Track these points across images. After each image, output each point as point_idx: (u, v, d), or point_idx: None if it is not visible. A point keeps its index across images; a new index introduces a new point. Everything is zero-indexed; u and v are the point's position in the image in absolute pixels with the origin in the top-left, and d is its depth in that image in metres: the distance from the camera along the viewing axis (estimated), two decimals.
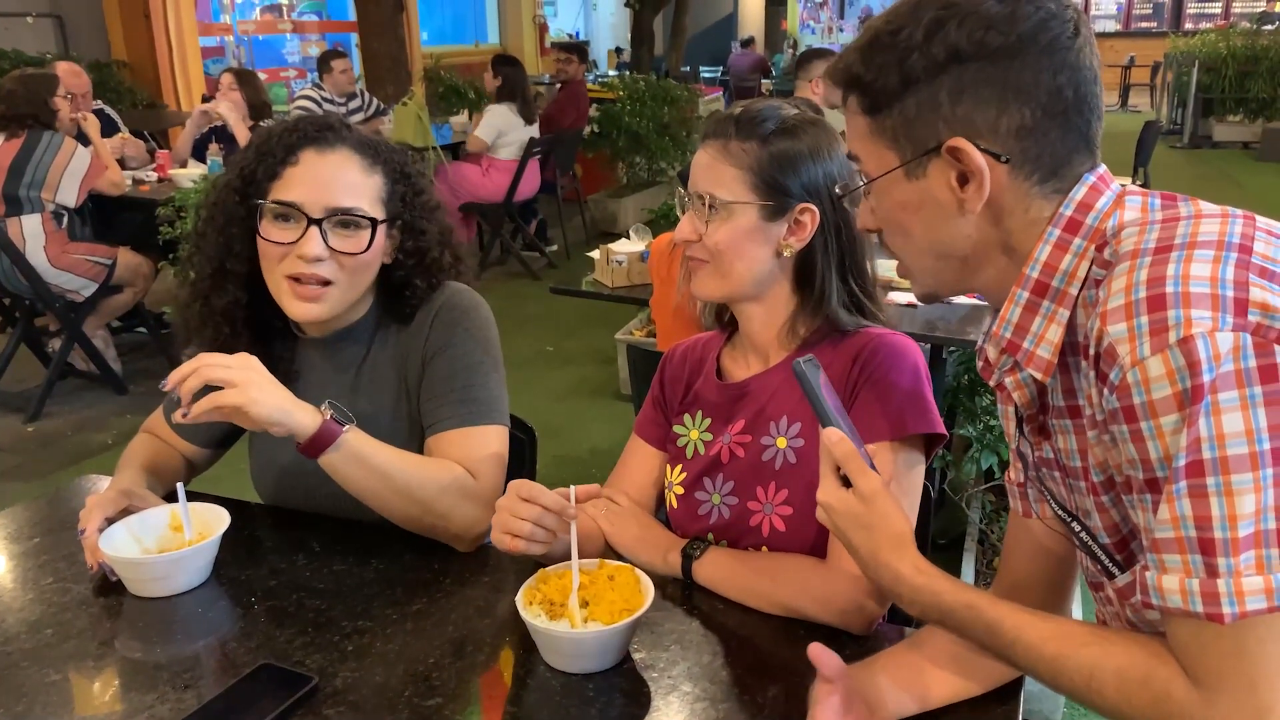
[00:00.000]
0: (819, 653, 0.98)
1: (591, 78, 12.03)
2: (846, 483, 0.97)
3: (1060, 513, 0.97)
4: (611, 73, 13.02)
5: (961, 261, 0.94)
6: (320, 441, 1.28)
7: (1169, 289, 0.76)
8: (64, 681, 1.12)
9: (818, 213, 1.28)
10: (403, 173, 1.46)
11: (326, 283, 1.38)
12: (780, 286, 1.32)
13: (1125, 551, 0.90)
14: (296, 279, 1.37)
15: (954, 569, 2.58)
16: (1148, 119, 8.30)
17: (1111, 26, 21.48)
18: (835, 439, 0.96)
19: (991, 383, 0.97)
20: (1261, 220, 0.85)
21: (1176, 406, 0.74)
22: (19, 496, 2.43)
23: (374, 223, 1.40)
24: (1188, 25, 19.64)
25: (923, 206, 0.92)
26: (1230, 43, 11.51)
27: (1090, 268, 0.86)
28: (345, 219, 1.38)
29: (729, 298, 1.33)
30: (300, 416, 1.26)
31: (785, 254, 1.29)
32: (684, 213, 1.33)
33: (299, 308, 1.39)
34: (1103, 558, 0.92)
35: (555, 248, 6.86)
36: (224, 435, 1.59)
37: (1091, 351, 0.80)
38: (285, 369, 1.47)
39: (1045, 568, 1.08)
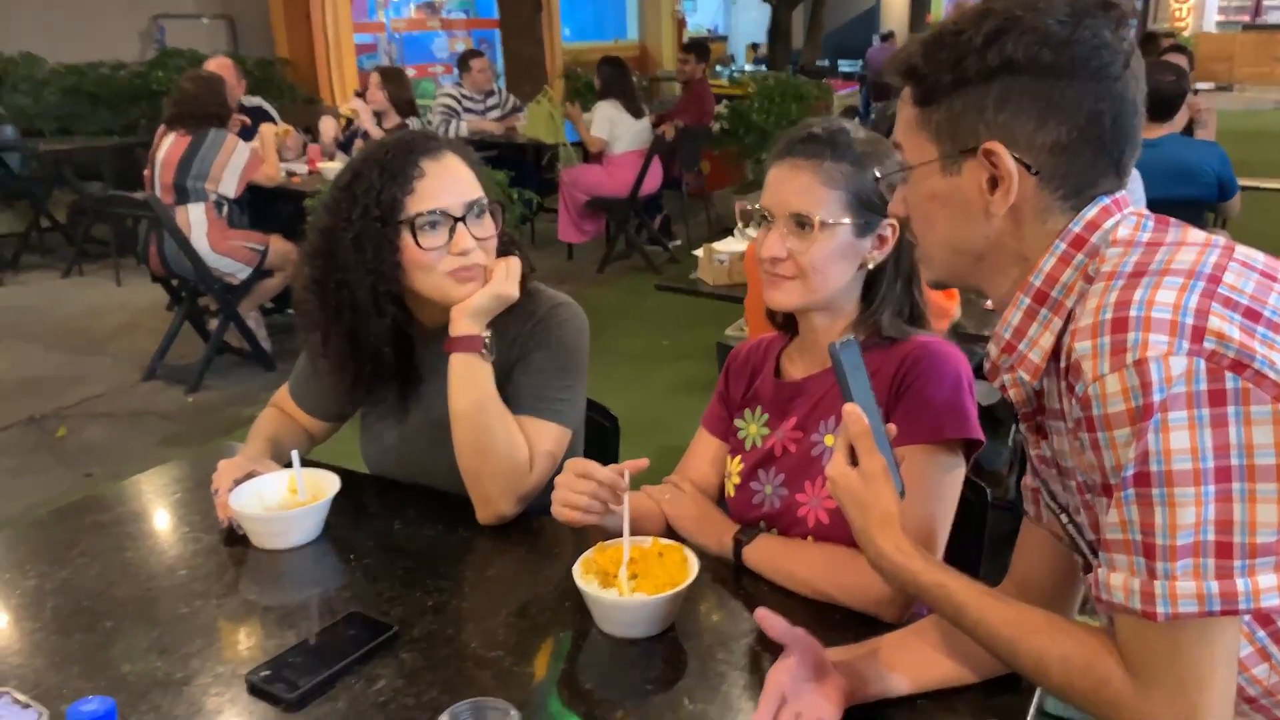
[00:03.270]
0: (764, 616, 1.09)
1: (727, 73, 12.10)
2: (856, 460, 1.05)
3: (1052, 504, 1.03)
4: (749, 68, 13.04)
5: (975, 258, 1.00)
6: (466, 343, 1.50)
7: (1133, 313, 0.82)
8: (191, 614, 1.31)
9: (899, 227, 1.36)
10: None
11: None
12: (850, 296, 1.40)
13: None
14: (454, 272, 1.52)
15: None
16: None
17: None
18: (854, 417, 1.04)
19: (994, 383, 1.03)
20: (1241, 251, 0.89)
21: (1128, 421, 0.81)
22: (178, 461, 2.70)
23: (501, 205, 1.58)
24: None
25: (950, 201, 0.98)
26: None
27: (1080, 283, 0.92)
28: (480, 209, 1.54)
29: (808, 308, 1.40)
30: (478, 320, 1.52)
31: (869, 267, 1.37)
32: (758, 226, 1.41)
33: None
34: (1086, 553, 0.98)
35: (679, 243, 6.97)
36: (340, 412, 1.78)
37: (1062, 364, 0.87)
38: (414, 369, 1.63)
39: (1053, 570, 1.13)
